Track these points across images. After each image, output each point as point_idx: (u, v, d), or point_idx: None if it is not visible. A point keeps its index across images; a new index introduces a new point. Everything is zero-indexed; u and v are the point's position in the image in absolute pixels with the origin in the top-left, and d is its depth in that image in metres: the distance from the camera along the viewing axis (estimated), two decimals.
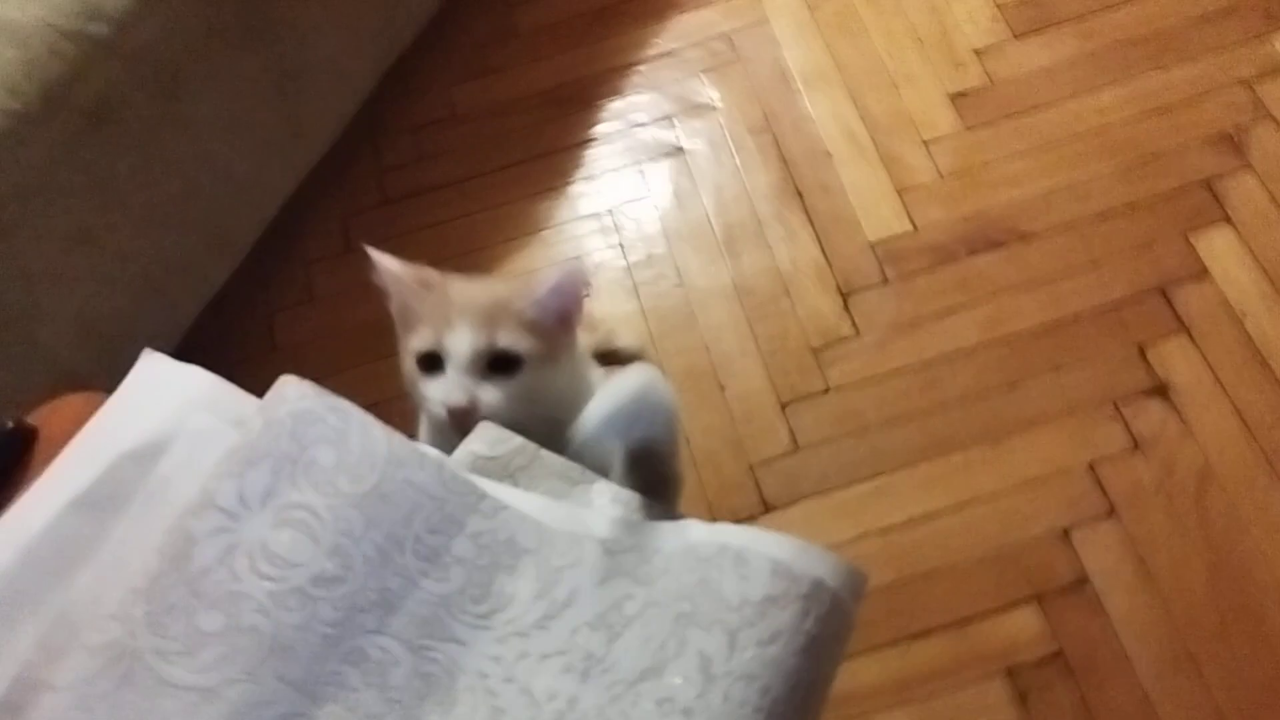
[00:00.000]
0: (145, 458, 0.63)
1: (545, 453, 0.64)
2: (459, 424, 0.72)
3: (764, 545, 0.58)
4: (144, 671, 0.54)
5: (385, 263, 0.79)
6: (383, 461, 0.60)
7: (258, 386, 1.55)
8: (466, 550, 0.59)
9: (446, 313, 0.75)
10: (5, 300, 1.22)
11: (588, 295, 0.80)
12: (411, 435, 0.73)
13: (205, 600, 0.56)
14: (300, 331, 1.56)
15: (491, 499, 0.61)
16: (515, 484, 0.63)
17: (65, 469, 0.64)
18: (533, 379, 0.75)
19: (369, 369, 1.50)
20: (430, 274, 0.80)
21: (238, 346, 1.54)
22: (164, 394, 0.68)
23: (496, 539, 0.59)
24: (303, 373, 1.57)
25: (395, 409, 1.49)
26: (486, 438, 0.65)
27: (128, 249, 1.33)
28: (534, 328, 0.75)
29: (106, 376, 1.37)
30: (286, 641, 0.55)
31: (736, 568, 0.57)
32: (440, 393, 0.73)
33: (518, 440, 0.65)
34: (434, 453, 0.62)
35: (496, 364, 0.74)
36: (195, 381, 0.69)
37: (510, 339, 0.74)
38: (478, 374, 0.74)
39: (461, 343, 0.73)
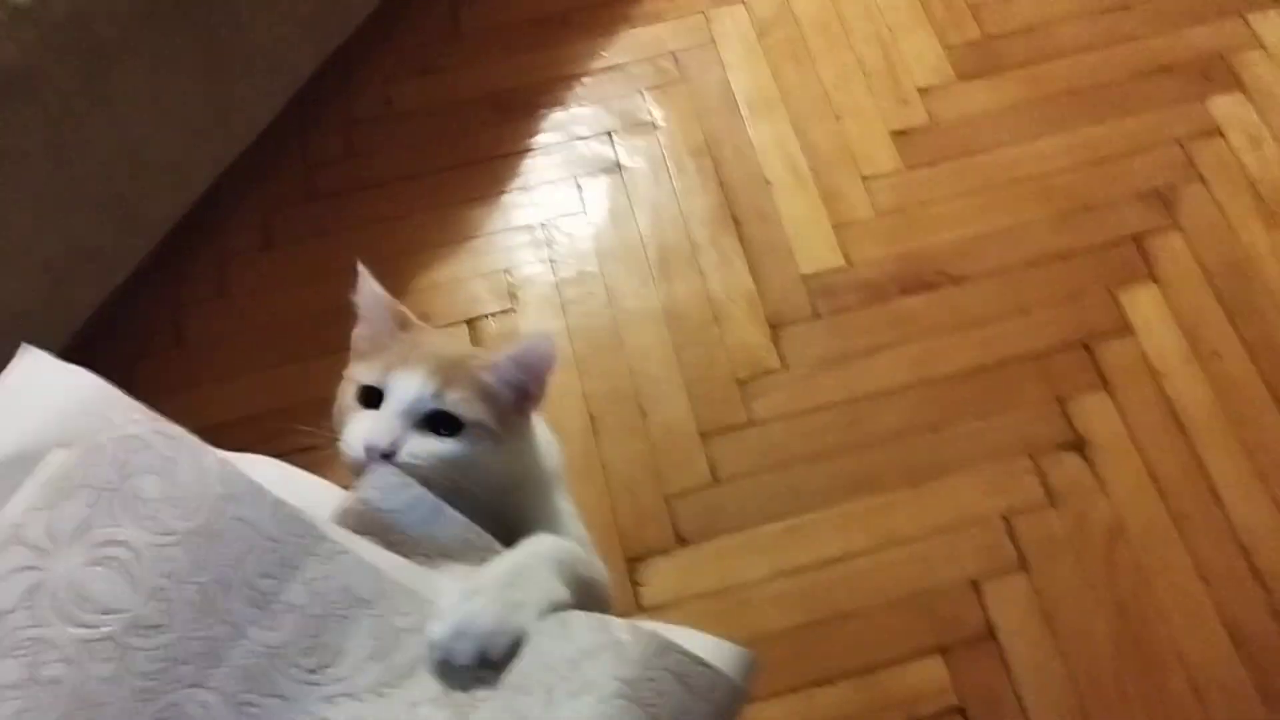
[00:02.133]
0: (14, 467, 0.58)
1: (448, 510, 0.61)
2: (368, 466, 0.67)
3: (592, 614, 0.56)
4: None
5: (370, 285, 0.75)
6: (214, 496, 0.55)
7: (161, 383, 1.48)
8: (299, 596, 0.54)
9: (405, 354, 0.70)
10: None
11: (550, 371, 0.74)
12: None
13: (2, 647, 0.51)
14: (210, 328, 1.50)
15: (331, 542, 0.57)
16: (405, 538, 0.59)
17: None
18: (469, 449, 0.69)
19: (280, 372, 1.46)
20: (408, 315, 0.76)
21: (142, 339, 1.48)
22: (42, 397, 0.62)
23: (331, 585, 0.55)
24: (210, 371, 1.52)
25: (302, 416, 1.44)
26: (381, 484, 0.61)
27: (29, 229, 1.26)
28: (487, 396, 0.70)
29: None
30: (94, 697, 0.49)
31: (560, 628, 0.54)
32: (362, 430, 0.68)
33: (416, 490, 0.61)
34: (270, 489, 0.58)
35: (434, 422, 0.69)
36: (79, 385, 0.62)
37: (458, 400, 0.68)
38: (411, 423, 0.68)
39: (408, 386, 0.68)
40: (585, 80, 1.68)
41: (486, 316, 1.48)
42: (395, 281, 1.52)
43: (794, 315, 1.46)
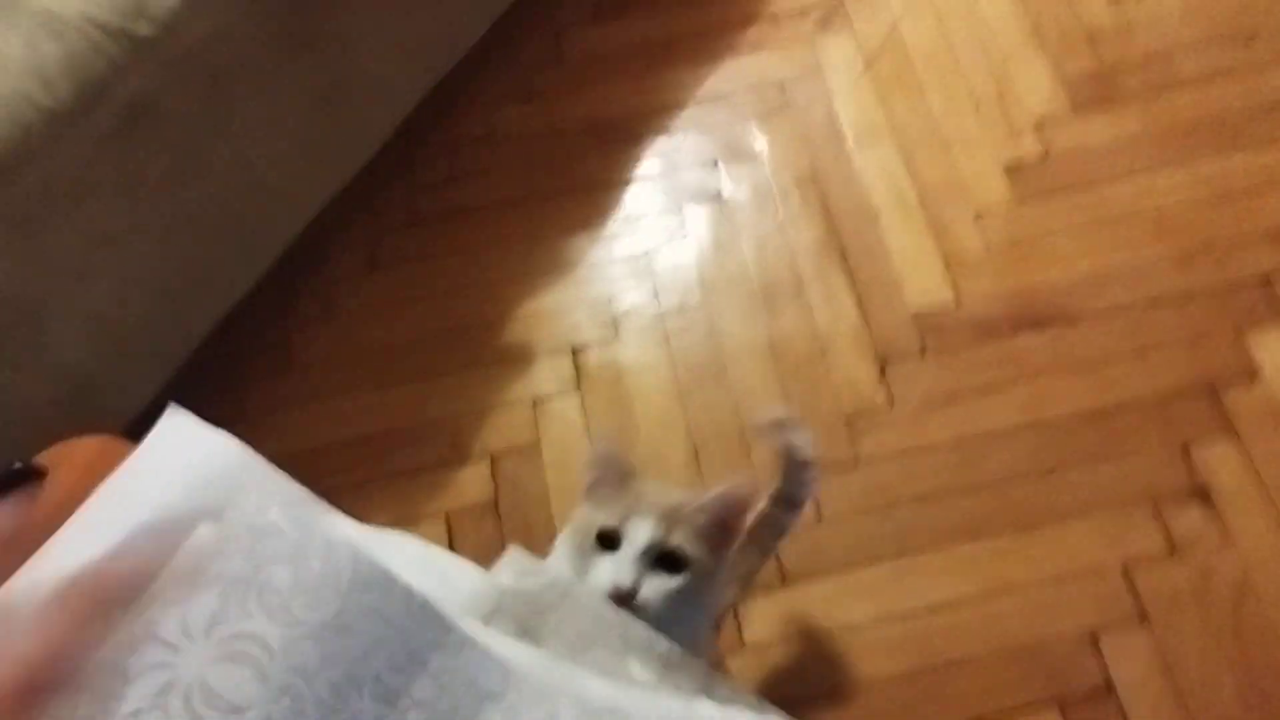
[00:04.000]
0: (163, 533, 0.57)
1: (578, 590, 0.59)
2: (617, 604, 0.77)
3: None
4: None
5: (610, 448, 0.89)
6: (345, 584, 0.53)
7: (271, 402, 1.50)
8: (427, 692, 0.52)
9: (635, 503, 0.84)
10: (21, 296, 1.18)
11: (752, 510, 0.90)
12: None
13: None
14: (318, 349, 1.51)
15: (458, 633, 0.55)
16: (544, 622, 0.57)
17: (78, 533, 0.57)
18: (692, 584, 0.82)
19: (385, 395, 1.47)
20: (632, 466, 0.90)
21: (253, 360, 1.50)
22: (185, 463, 0.61)
23: (457, 679, 0.53)
24: (317, 392, 1.53)
25: (408, 438, 1.45)
26: (515, 567, 0.60)
27: (150, 253, 1.29)
28: (702, 535, 0.84)
29: (113, 382, 1.32)
30: None
31: None
32: (610, 572, 0.80)
33: (550, 574, 0.60)
34: (402, 578, 0.56)
35: (663, 560, 0.82)
36: (223, 453, 0.62)
37: (682, 542, 0.82)
38: (646, 564, 0.81)
39: (642, 532, 0.82)
40: (689, 109, 1.67)
41: (588, 347, 1.47)
42: (497, 308, 1.53)
43: (902, 352, 1.43)
